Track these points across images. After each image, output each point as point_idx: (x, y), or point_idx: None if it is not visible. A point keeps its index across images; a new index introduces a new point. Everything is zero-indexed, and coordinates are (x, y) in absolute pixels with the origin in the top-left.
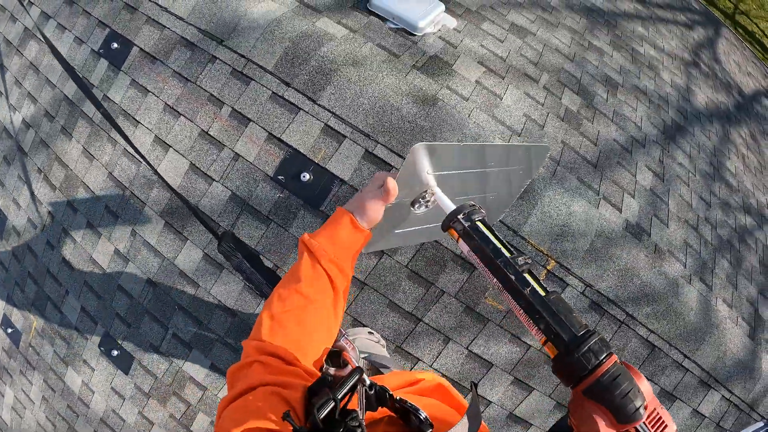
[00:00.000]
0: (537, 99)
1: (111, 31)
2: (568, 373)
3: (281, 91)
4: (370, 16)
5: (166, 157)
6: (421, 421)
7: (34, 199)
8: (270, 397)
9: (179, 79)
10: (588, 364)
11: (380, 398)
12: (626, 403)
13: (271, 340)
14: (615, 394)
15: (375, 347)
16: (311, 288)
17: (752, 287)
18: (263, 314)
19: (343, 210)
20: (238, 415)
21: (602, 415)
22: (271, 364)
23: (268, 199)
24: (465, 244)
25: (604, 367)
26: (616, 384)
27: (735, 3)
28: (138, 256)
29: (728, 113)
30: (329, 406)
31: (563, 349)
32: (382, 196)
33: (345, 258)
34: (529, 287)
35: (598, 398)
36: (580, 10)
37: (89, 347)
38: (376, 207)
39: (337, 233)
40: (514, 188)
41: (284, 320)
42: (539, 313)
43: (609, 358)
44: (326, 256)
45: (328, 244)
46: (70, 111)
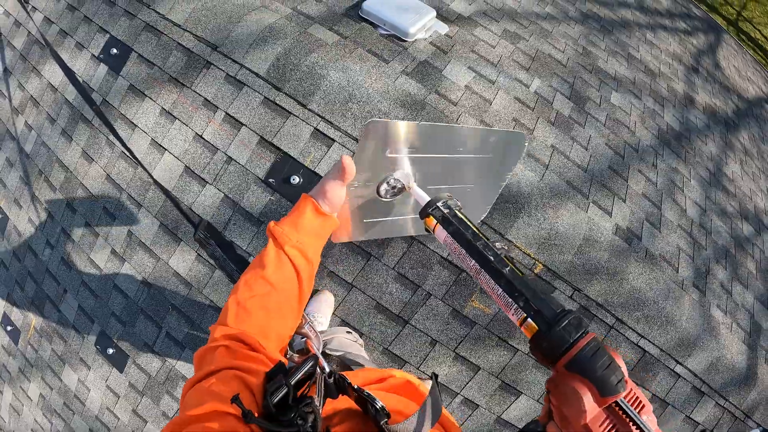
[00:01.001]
0: (527, 104)
1: (111, 37)
2: (549, 348)
3: (273, 96)
4: (362, 22)
5: (162, 160)
6: (377, 410)
7: (34, 200)
8: (231, 381)
9: (175, 84)
10: (569, 337)
11: (340, 387)
12: (609, 374)
13: (236, 325)
14: (597, 366)
15: (352, 346)
16: (276, 274)
17: (748, 294)
18: (230, 300)
19: (305, 196)
20: (199, 396)
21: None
22: (236, 349)
23: (259, 202)
24: (443, 231)
25: (585, 340)
26: (597, 356)
27: (738, 10)
28: (134, 257)
29: (727, 118)
30: (282, 392)
31: (543, 326)
32: (339, 176)
33: (309, 244)
34: (507, 267)
35: (580, 370)
36: (576, 16)
37: (86, 346)
38: (336, 188)
39: (300, 219)
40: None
41: (249, 306)
42: (519, 291)
43: (587, 334)
44: (289, 242)
45: (291, 231)
46: (71, 115)
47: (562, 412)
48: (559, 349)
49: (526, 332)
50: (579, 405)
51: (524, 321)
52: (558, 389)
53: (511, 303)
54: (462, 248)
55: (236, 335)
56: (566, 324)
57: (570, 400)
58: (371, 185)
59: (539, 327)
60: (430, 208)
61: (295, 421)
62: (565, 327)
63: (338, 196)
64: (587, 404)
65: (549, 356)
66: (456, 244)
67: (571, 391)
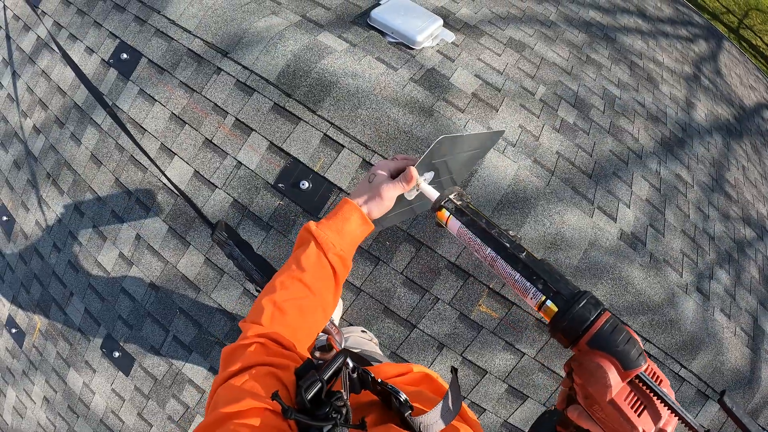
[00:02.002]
0: (532, 111)
1: (121, 42)
2: (570, 328)
3: (283, 102)
4: (370, 30)
5: (172, 164)
6: (401, 402)
7: (41, 203)
8: (266, 378)
9: (185, 89)
10: (589, 315)
11: (363, 381)
12: (629, 348)
13: (271, 325)
14: (618, 341)
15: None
16: (314, 278)
17: (752, 298)
18: (265, 299)
19: (351, 203)
20: (234, 393)
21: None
22: (270, 347)
23: (268, 206)
24: (456, 222)
25: (603, 317)
26: (617, 331)
27: (740, 18)
28: (141, 260)
29: (728, 125)
30: (316, 387)
31: (563, 306)
32: (402, 185)
33: (349, 251)
34: (524, 252)
35: (603, 346)
36: (579, 24)
37: (91, 348)
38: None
39: (345, 226)
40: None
41: (286, 308)
42: (537, 275)
43: (605, 312)
44: (333, 249)
45: (336, 237)
46: (80, 118)
47: (587, 390)
48: (581, 327)
49: (545, 315)
50: (604, 380)
51: (543, 304)
52: (582, 367)
53: (530, 287)
54: (477, 238)
55: (270, 334)
56: (585, 303)
57: (595, 376)
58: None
59: (559, 308)
60: (443, 201)
61: (331, 414)
62: (584, 306)
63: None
64: (612, 379)
65: (570, 336)
66: (470, 234)
67: (596, 367)
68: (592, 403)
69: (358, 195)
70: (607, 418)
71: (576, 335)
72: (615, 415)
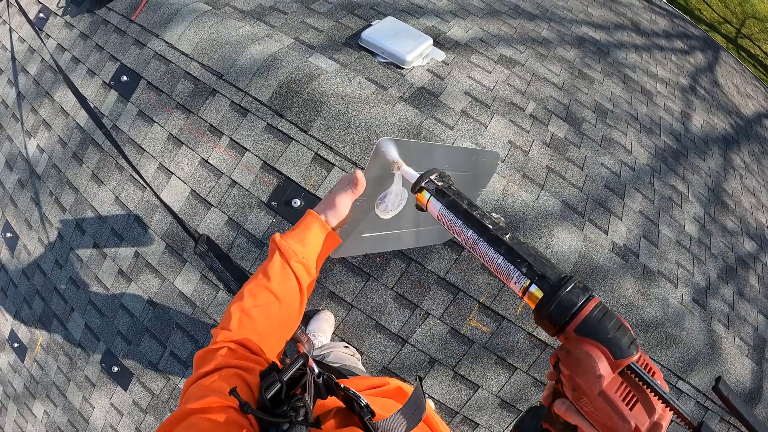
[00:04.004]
0: (522, 126)
1: (121, 65)
2: (557, 313)
3: (275, 122)
4: (361, 51)
5: (169, 183)
6: (362, 407)
7: (44, 220)
8: (232, 378)
9: (182, 110)
10: (577, 300)
11: (328, 387)
12: (621, 336)
13: (239, 331)
14: (609, 327)
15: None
16: (280, 286)
17: (752, 308)
18: (233, 306)
19: (313, 213)
20: (201, 391)
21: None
22: (238, 351)
23: (261, 224)
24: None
25: (592, 303)
26: (607, 317)
27: (737, 27)
28: (140, 277)
29: (725, 135)
30: (276, 387)
31: (548, 290)
32: (351, 189)
33: (313, 259)
34: (507, 234)
35: (592, 333)
36: (571, 40)
37: (91, 363)
38: (345, 201)
39: (306, 234)
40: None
41: (253, 314)
42: (520, 257)
43: (593, 297)
44: (295, 258)
45: (297, 246)
46: (82, 138)
47: (575, 381)
48: (568, 312)
49: (530, 302)
50: (594, 370)
51: (527, 290)
52: (569, 355)
53: (513, 270)
54: (459, 219)
55: (239, 340)
56: (572, 287)
57: (583, 365)
58: (372, 200)
59: (545, 291)
60: (423, 181)
61: (288, 413)
62: (571, 290)
63: (346, 210)
64: (602, 368)
65: (556, 322)
66: (452, 216)
67: (584, 355)
68: (580, 395)
69: (319, 205)
70: (596, 411)
71: (563, 321)
72: (605, 409)
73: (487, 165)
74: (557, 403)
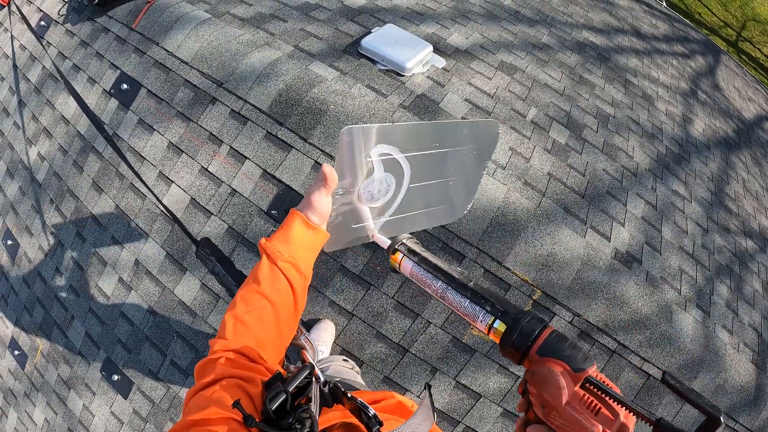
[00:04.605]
0: (523, 133)
1: (121, 73)
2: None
3: (275, 131)
4: (361, 58)
5: (169, 192)
6: (370, 417)
7: (45, 228)
8: (232, 389)
9: (182, 118)
10: (536, 328)
11: (334, 395)
12: (576, 353)
13: (235, 338)
14: (565, 347)
15: (348, 373)
16: (270, 288)
17: (755, 312)
18: (227, 315)
19: (294, 211)
20: (202, 402)
21: (559, 367)
22: (236, 360)
23: (262, 233)
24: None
25: (548, 330)
26: (563, 339)
27: (737, 30)
28: (140, 285)
29: (727, 138)
30: (280, 398)
31: (510, 323)
32: (322, 185)
33: (301, 257)
34: (471, 281)
35: (551, 352)
36: (572, 46)
37: (91, 371)
38: (321, 198)
39: (290, 233)
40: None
41: (247, 320)
42: (484, 298)
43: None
44: (281, 257)
45: (283, 246)
46: (83, 146)
47: (543, 397)
48: (529, 338)
49: (494, 337)
50: (557, 382)
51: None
52: (535, 375)
53: (479, 311)
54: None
55: (236, 348)
56: (530, 319)
57: (548, 381)
58: (354, 191)
59: (507, 324)
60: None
61: (294, 425)
62: (530, 321)
63: (325, 206)
64: (564, 381)
65: (520, 349)
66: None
67: (548, 372)
68: (549, 411)
69: (299, 205)
70: (565, 423)
71: (525, 347)
72: (573, 418)
73: (488, 135)
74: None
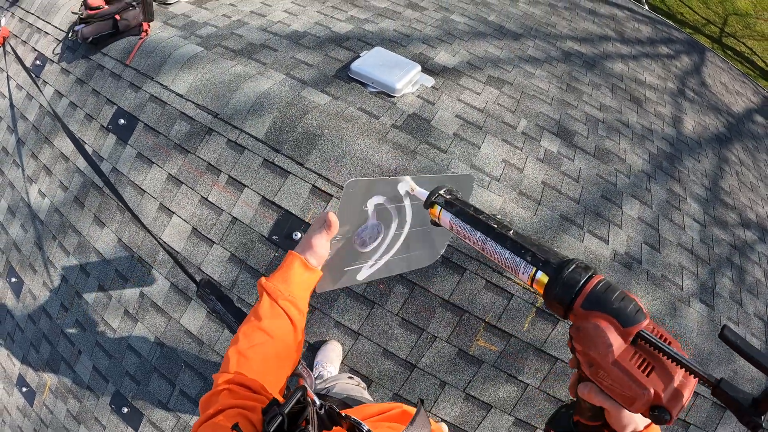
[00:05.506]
0: (515, 144)
1: (118, 108)
2: (563, 292)
3: (272, 158)
4: (351, 82)
5: (171, 223)
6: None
7: (48, 264)
8: (236, 418)
9: (180, 150)
10: (580, 278)
11: (332, 417)
12: (626, 305)
13: (238, 372)
14: (613, 299)
15: (354, 390)
16: (272, 325)
17: (759, 302)
18: (230, 350)
19: (293, 253)
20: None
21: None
22: (238, 391)
23: (264, 258)
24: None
25: (595, 279)
26: (610, 290)
27: (720, 27)
28: (146, 317)
29: (718, 133)
30: (277, 421)
31: (553, 273)
32: (325, 231)
33: (299, 296)
34: (511, 230)
35: (597, 305)
36: (557, 55)
37: (101, 405)
38: (322, 242)
39: (289, 274)
40: None
41: (249, 354)
42: (525, 248)
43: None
44: (282, 296)
45: (283, 285)
46: (83, 182)
47: (589, 355)
48: (573, 290)
49: (538, 288)
50: (604, 339)
51: (534, 277)
52: (580, 331)
53: (520, 261)
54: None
55: (238, 380)
56: (575, 267)
57: (593, 338)
58: (349, 237)
59: (550, 275)
60: (434, 196)
61: None
62: (574, 270)
63: (324, 250)
64: (612, 337)
65: (563, 301)
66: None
67: (593, 327)
68: (596, 370)
69: (299, 245)
70: (614, 383)
71: (569, 299)
72: (622, 378)
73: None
74: (580, 388)
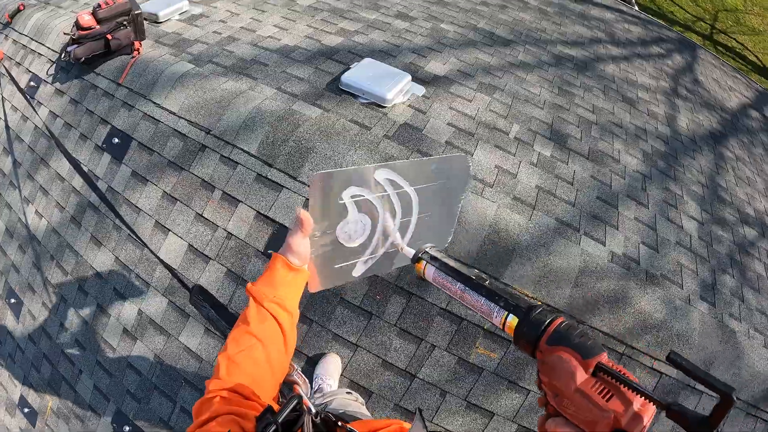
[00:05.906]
0: (508, 150)
1: (112, 127)
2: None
3: (265, 172)
4: (342, 94)
5: (166, 240)
6: None
7: (47, 284)
8: (228, 424)
9: (174, 167)
10: (545, 319)
11: (327, 425)
12: (585, 340)
13: (228, 378)
14: (575, 335)
15: (352, 405)
16: (259, 328)
17: (762, 297)
18: (220, 356)
19: (275, 254)
20: None
21: (568, 355)
22: (231, 398)
23: (260, 273)
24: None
25: (558, 320)
26: (573, 328)
27: (711, 23)
28: (145, 335)
29: (712, 130)
30: (271, 429)
31: (522, 316)
32: (298, 228)
33: (286, 297)
34: (487, 281)
35: (560, 341)
36: (549, 59)
37: (102, 424)
38: (299, 241)
39: (273, 276)
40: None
41: (239, 359)
42: (498, 294)
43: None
44: (267, 298)
45: (267, 288)
46: (79, 202)
47: (554, 385)
48: (539, 329)
49: (509, 330)
50: (567, 368)
51: (505, 320)
52: (545, 364)
53: (494, 306)
54: (449, 275)
55: (230, 386)
56: (541, 310)
57: (557, 368)
58: (331, 233)
59: (519, 317)
60: (420, 253)
61: None
62: (540, 312)
63: (304, 248)
64: (574, 367)
65: (531, 339)
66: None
67: (557, 358)
68: (561, 399)
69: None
70: (577, 410)
71: (535, 337)
72: (584, 404)
73: (459, 170)
74: (548, 423)
